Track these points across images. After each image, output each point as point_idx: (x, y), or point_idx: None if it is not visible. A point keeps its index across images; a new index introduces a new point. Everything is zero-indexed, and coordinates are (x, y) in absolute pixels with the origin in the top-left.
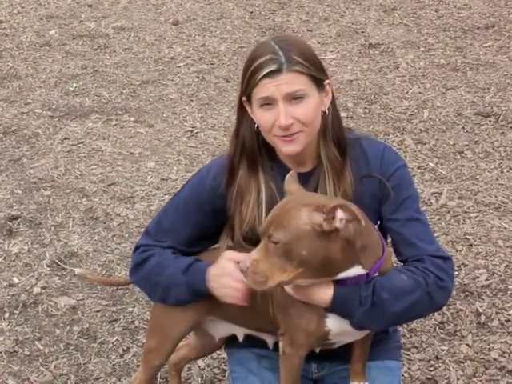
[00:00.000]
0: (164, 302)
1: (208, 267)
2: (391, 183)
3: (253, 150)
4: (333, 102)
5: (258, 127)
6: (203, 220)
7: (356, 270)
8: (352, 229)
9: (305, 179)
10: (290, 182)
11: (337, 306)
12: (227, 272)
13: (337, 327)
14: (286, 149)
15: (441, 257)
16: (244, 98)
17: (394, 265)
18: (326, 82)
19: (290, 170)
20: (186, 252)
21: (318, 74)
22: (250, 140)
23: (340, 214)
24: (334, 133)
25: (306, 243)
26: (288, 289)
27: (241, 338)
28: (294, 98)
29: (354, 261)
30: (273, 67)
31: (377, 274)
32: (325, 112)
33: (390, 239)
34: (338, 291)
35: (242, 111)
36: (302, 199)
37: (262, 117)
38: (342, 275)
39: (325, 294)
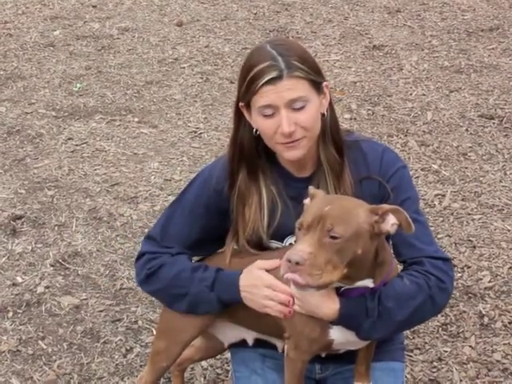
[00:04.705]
0: (191, 313)
1: (237, 278)
2: (390, 184)
3: (252, 156)
4: (330, 104)
5: (256, 131)
6: (210, 223)
7: (366, 282)
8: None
9: (306, 183)
10: (313, 188)
11: (343, 320)
12: (266, 283)
13: (340, 337)
14: (289, 155)
15: (440, 258)
16: (241, 104)
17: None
18: (324, 84)
19: (291, 174)
20: (194, 255)
21: (316, 78)
22: (248, 145)
23: (392, 218)
24: (332, 134)
25: (362, 242)
26: (293, 307)
27: (250, 343)
28: (296, 104)
29: (370, 273)
30: (273, 74)
31: None
32: (323, 114)
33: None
34: (344, 305)
35: (238, 117)
36: (351, 199)
37: (263, 124)
38: (356, 284)
39: (329, 309)
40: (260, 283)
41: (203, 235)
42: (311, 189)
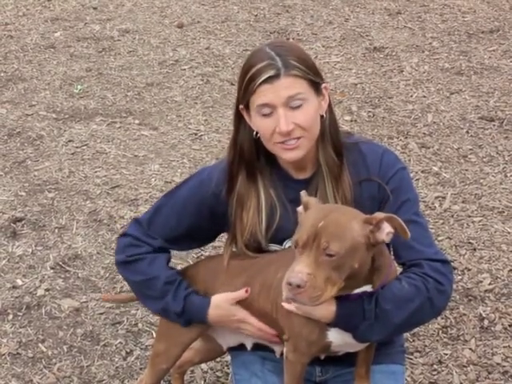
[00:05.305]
0: None
1: (205, 312)
2: (390, 186)
3: (251, 158)
4: (329, 106)
5: (256, 134)
6: (198, 223)
7: (365, 288)
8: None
9: (305, 185)
10: (306, 196)
11: (340, 322)
12: (242, 319)
13: (339, 339)
14: (287, 156)
15: (439, 260)
16: (241, 106)
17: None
18: (323, 85)
19: (291, 175)
20: (176, 250)
21: (315, 78)
22: (248, 148)
23: (387, 226)
24: (331, 136)
25: (359, 256)
26: (290, 306)
27: (249, 347)
28: (294, 103)
29: (368, 280)
30: (270, 73)
31: None
32: (322, 116)
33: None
34: (341, 307)
35: (239, 119)
36: (345, 210)
37: (261, 124)
38: (354, 291)
39: (326, 310)
40: (234, 319)
41: (189, 233)
42: (303, 196)
